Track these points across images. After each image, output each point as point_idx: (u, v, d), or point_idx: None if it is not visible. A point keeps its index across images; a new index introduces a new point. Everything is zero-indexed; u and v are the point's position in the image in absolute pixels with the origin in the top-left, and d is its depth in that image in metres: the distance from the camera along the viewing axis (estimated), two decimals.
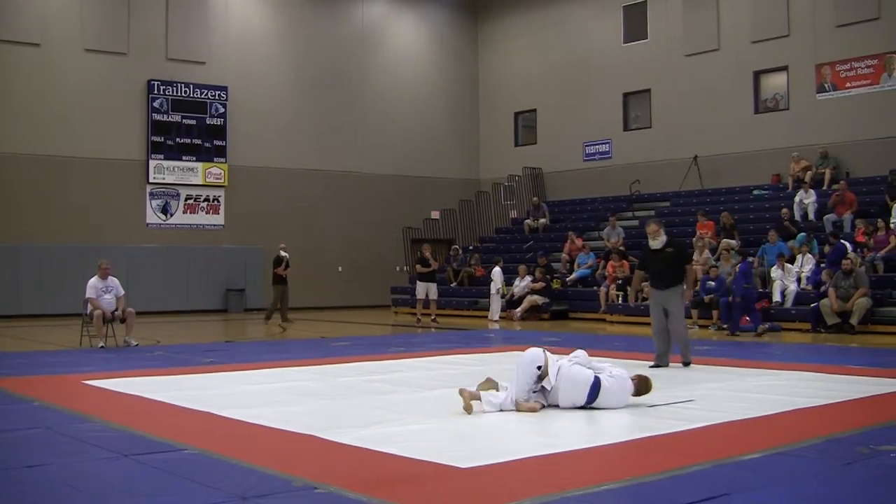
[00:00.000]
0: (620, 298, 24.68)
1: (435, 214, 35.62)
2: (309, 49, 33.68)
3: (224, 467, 6.81)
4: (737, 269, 22.16)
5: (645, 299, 16.08)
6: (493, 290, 26.15)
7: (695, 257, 24.15)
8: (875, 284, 20.60)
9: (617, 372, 9.28)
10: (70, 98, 29.06)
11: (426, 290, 25.55)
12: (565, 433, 8.25)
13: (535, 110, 35.99)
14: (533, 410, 8.95)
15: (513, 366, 9.41)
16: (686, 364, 13.17)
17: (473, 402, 9.00)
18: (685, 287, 13.41)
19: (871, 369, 12.91)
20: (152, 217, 30.43)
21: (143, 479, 6.51)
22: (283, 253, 25.66)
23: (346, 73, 34.43)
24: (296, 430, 8.21)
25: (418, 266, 25.92)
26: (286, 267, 25.47)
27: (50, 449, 7.61)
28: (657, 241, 13.34)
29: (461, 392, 9.04)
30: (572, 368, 9.09)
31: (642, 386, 9.39)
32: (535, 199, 33.63)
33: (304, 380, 11.99)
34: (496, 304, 26.21)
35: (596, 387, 8.93)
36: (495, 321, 25.58)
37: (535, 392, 9.10)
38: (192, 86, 30.94)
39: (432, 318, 25.35)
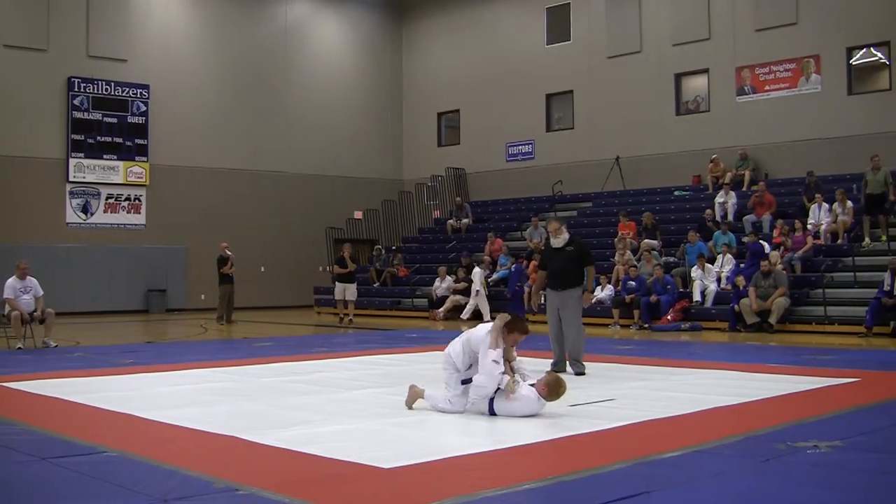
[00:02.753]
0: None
1: (358, 214, 35.55)
2: (232, 48, 33.41)
3: (144, 469, 6.74)
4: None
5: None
6: (473, 292, 25.87)
7: (616, 257, 24.41)
8: (793, 284, 20.94)
9: (525, 391, 8.78)
10: None
11: (344, 290, 25.50)
12: (487, 433, 8.28)
13: (458, 111, 36.07)
14: (511, 391, 8.75)
15: (433, 366, 9.40)
16: (578, 374, 12.14)
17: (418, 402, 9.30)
18: (585, 289, 12.76)
19: (788, 367, 13.10)
20: (72, 216, 29.96)
21: (61, 483, 6.42)
22: (227, 252, 25.47)
23: (269, 73, 34.23)
24: (217, 432, 8.15)
25: (336, 267, 25.91)
26: (231, 265, 25.33)
27: None
28: (559, 240, 12.79)
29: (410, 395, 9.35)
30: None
31: (553, 393, 8.76)
32: (458, 199, 33.75)
33: (226, 381, 11.90)
34: (483, 304, 25.48)
35: (492, 410, 8.86)
36: (488, 321, 25.17)
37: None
38: (113, 83, 30.50)
39: (349, 318, 25.19)
